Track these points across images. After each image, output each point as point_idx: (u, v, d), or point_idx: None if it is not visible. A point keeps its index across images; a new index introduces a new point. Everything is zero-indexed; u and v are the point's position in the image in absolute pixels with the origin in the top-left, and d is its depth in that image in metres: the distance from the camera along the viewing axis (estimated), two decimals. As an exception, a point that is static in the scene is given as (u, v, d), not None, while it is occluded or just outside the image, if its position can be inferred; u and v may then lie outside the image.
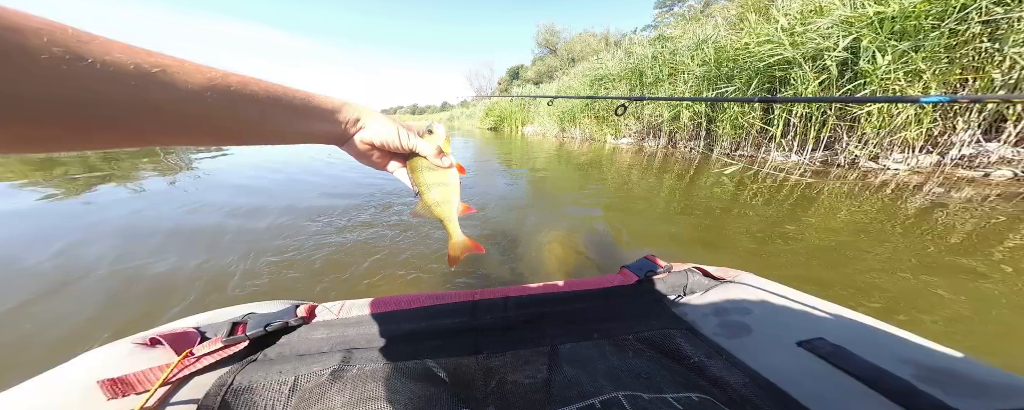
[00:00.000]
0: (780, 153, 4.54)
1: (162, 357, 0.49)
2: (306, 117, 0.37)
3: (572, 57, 25.93)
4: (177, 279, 1.49)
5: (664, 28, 8.45)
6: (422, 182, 0.47)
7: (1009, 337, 1.05)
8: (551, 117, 11.84)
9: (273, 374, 0.46)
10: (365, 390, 0.40)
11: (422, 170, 0.47)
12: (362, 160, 0.46)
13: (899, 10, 2.99)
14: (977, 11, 2.67)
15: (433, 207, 0.48)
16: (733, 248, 1.82)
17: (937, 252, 1.63)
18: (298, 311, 0.59)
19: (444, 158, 0.48)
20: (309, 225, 2.16)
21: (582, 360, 0.47)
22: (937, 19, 2.86)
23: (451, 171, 0.49)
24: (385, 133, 0.43)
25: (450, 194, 0.49)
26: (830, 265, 1.56)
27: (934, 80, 2.98)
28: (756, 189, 2.94)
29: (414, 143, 0.46)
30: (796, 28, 3.88)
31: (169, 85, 0.26)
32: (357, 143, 0.43)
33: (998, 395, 0.37)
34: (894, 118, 3.28)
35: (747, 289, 0.64)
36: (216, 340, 0.51)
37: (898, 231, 1.93)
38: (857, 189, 2.85)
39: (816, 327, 0.52)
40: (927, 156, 3.33)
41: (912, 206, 2.34)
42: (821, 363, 0.44)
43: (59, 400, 0.40)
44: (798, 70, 3.83)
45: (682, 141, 6.71)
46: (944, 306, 1.21)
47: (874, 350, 0.45)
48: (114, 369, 0.45)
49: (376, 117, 0.44)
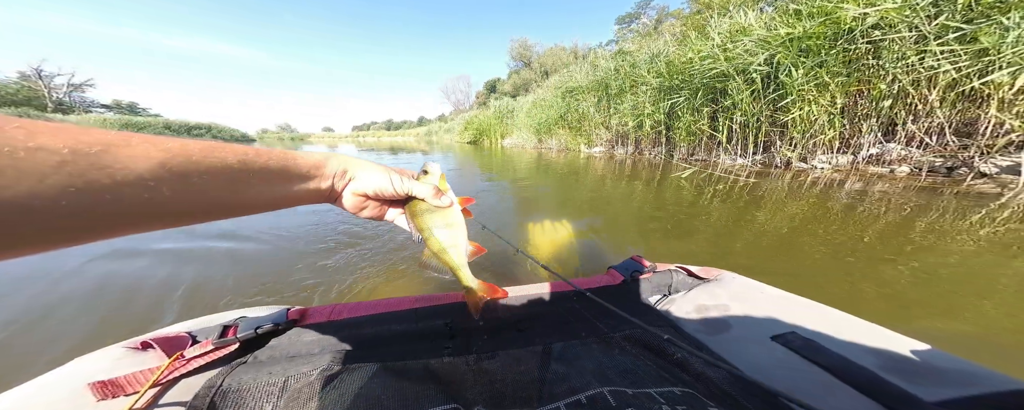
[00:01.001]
0: (728, 157, 5.05)
1: (153, 360, 0.50)
2: (286, 180, 0.35)
3: (545, 70, 26.72)
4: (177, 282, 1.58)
5: (623, 43, 9.07)
6: (424, 226, 0.45)
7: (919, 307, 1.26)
8: (528, 129, 12.29)
9: (263, 375, 0.46)
10: (355, 390, 0.40)
11: (422, 214, 0.45)
12: (358, 213, 0.44)
13: (803, 32, 3.54)
14: (860, 34, 3.22)
15: (439, 254, 0.45)
16: (698, 246, 1.98)
17: (865, 240, 1.87)
18: (289, 315, 0.59)
19: (443, 197, 0.46)
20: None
21: (571, 358, 0.48)
22: (833, 40, 3.41)
23: (453, 210, 0.47)
24: (377, 182, 0.42)
25: (456, 237, 0.46)
26: (780, 257, 1.75)
27: (838, 91, 3.51)
28: (713, 192, 3.29)
29: (408, 187, 0.44)
30: (727, 45, 4.42)
31: (113, 167, 0.22)
32: (348, 197, 0.42)
33: (956, 382, 0.38)
34: (812, 124, 3.80)
35: (728, 287, 0.67)
36: (206, 343, 0.51)
37: (833, 224, 2.20)
38: (794, 187, 3.24)
39: (790, 322, 0.54)
40: (844, 156, 3.86)
41: (839, 201, 2.68)
42: (793, 356, 0.46)
43: (49, 403, 0.41)
44: (733, 82, 4.35)
45: (647, 148, 7.22)
46: (863, 288, 1.37)
47: (843, 342, 0.46)
48: (105, 372, 0.46)
49: (364, 167, 0.42)
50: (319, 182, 0.39)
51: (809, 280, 1.47)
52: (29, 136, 0.19)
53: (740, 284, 0.68)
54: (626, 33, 16.61)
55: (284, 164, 0.35)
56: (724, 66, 4.37)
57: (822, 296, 0.63)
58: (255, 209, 0.34)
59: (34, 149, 0.19)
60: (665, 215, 2.63)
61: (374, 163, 0.44)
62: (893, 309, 1.29)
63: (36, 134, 0.19)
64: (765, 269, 1.62)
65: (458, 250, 0.46)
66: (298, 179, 0.37)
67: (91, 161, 0.21)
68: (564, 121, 10.03)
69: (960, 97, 3.02)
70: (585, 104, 8.86)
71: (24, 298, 1.51)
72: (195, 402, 0.42)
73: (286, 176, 0.35)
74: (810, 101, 3.69)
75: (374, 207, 0.46)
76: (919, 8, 2.93)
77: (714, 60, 4.56)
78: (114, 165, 0.22)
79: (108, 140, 0.22)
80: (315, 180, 0.39)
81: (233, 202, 0.31)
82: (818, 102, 3.64)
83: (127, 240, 2.27)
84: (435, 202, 0.46)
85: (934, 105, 3.13)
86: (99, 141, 0.22)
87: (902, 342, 0.46)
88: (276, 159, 0.34)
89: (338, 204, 0.43)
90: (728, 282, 0.69)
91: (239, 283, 1.63)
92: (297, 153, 0.37)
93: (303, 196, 0.38)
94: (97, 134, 0.22)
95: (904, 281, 1.46)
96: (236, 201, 0.31)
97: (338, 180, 0.41)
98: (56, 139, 0.20)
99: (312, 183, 0.38)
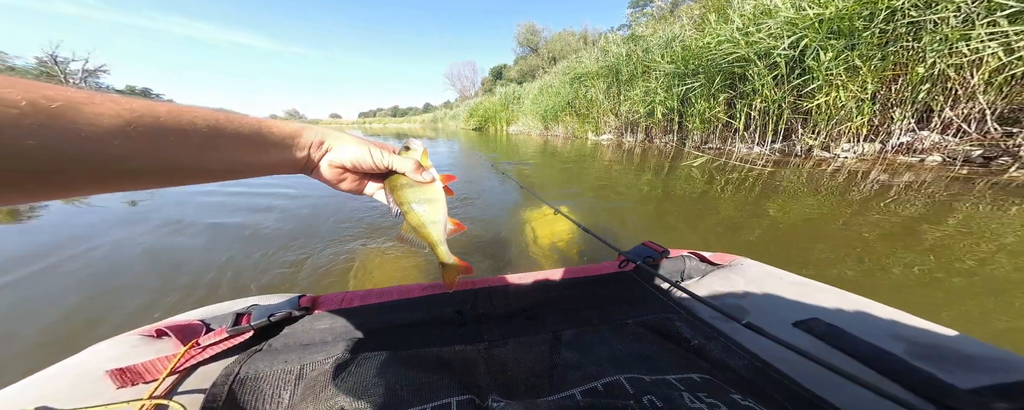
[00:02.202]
0: (744, 145, 4.83)
1: (168, 348, 0.51)
2: (259, 147, 0.34)
3: (553, 56, 26.15)
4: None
5: (637, 27, 8.73)
6: (404, 201, 0.44)
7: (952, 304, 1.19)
8: (535, 116, 12.05)
9: (279, 363, 0.47)
10: (369, 378, 0.41)
11: (403, 188, 0.44)
12: (336, 186, 0.44)
13: (835, 12, 3.28)
14: (901, 13, 2.97)
15: (418, 228, 0.45)
16: (707, 236, 1.92)
17: (879, 237, 1.76)
18: (301, 302, 0.61)
19: (424, 173, 0.45)
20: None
21: (583, 345, 0.47)
22: (867, 20, 3.16)
23: (434, 186, 0.46)
24: (355, 154, 0.41)
25: (436, 213, 0.45)
26: (793, 250, 1.66)
27: (870, 75, 3.27)
28: (725, 181, 3.15)
29: (389, 161, 0.43)
30: (749, 28, 4.16)
31: (78, 123, 0.22)
32: (325, 168, 0.41)
33: (988, 369, 0.37)
34: (839, 110, 3.58)
35: (743, 273, 0.65)
36: (221, 331, 0.52)
37: (853, 217, 2.06)
38: (815, 177, 3.07)
39: (811, 308, 0.53)
40: (870, 144, 3.64)
41: (861, 192, 2.54)
42: (816, 343, 0.45)
43: (69, 389, 0.41)
44: (754, 67, 4.11)
45: (658, 135, 6.99)
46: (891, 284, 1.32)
47: (867, 328, 0.45)
48: (121, 359, 0.46)
49: (342, 138, 0.42)
50: (294, 152, 0.38)
51: (830, 276, 1.35)
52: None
53: (757, 270, 0.66)
54: (640, 17, 16.02)
55: (257, 131, 0.34)
56: (745, 50, 4.12)
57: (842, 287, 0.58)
58: (225, 175, 0.33)
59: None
60: (675, 207, 2.49)
61: (353, 135, 0.43)
62: (931, 304, 1.20)
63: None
64: (777, 263, 1.50)
65: (437, 226, 0.46)
66: (272, 147, 0.36)
67: (52, 115, 0.21)
68: (571, 108, 9.78)
69: (1008, 81, 2.79)
70: (594, 90, 8.59)
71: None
72: (214, 390, 0.42)
73: (259, 143, 0.34)
74: (838, 86, 3.46)
75: (353, 180, 0.45)
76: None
77: (734, 44, 4.30)
78: (78, 121, 0.22)
79: (69, 96, 0.22)
80: (290, 149, 0.37)
81: (201, 166, 0.30)
82: (847, 87, 3.42)
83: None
84: (416, 177, 0.45)
85: (976, 90, 2.90)
86: (61, 96, 0.21)
87: (930, 329, 0.45)
88: (248, 125, 0.33)
89: (315, 175, 0.42)
90: (744, 268, 0.67)
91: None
92: (272, 121, 0.36)
93: (277, 165, 0.37)
94: (59, 90, 0.22)
95: (938, 273, 1.35)
96: (204, 165, 0.30)
97: (314, 150, 0.40)
98: (12, 91, 0.20)
99: (287, 152, 0.37)
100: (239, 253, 1.78)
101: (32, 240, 2.10)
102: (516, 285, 0.68)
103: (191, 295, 1.43)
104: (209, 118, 0.30)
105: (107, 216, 2.58)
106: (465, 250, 1.80)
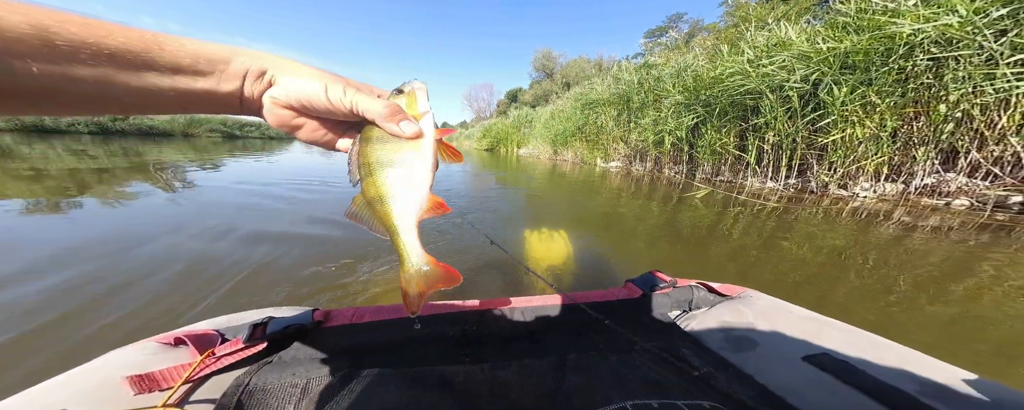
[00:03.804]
0: (757, 179, 4.67)
1: (185, 356, 0.52)
2: (170, 71, 0.26)
3: (567, 82, 26.75)
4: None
5: (650, 56, 8.85)
6: (365, 160, 0.31)
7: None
8: (545, 139, 12.14)
9: (287, 376, 0.47)
10: (372, 395, 0.41)
11: (370, 142, 0.32)
12: (292, 133, 0.34)
13: (851, 46, 3.20)
14: (921, 49, 2.86)
15: (374, 202, 0.31)
16: (715, 272, 1.84)
17: (907, 284, 1.61)
18: (314, 316, 0.61)
19: (403, 122, 0.31)
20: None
21: (588, 370, 0.47)
22: (884, 57, 3.06)
23: (417, 144, 0.32)
24: (304, 89, 0.30)
25: (412, 181, 0.31)
26: (809, 289, 1.56)
27: (888, 113, 3.14)
28: (735, 214, 3.02)
29: (353, 100, 0.31)
30: (762, 60, 4.11)
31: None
32: (269, 108, 0.31)
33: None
34: (857, 147, 3.42)
35: (753, 305, 0.65)
36: (236, 341, 0.53)
37: (870, 261, 1.92)
38: (831, 216, 2.90)
39: (821, 343, 0.52)
40: (892, 184, 3.45)
41: (884, 234, 2.38)
42: (827, 377, 0.44)
43: (87, 394, 0.42)
44: (766, 100, 4.02)
45: (667, 165, 6.88)
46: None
47: (880, 366, 0.44)
48: (140, 366, 0.47)
49: (293, 67, 0.31)
50: (217, 82, 0.28)
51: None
52: None
53: (767, 303, 0.65)
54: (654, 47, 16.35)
55: (174, 52, 0.26)
56: (755, 82, 4.05)
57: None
58: (123, 107, 0.26)
59: None
60: (681, 240, 2.35)
61: (310, 67, 0.32)
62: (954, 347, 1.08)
63: None
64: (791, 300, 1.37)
65: (402, 202, 0.31)
66: (189, 73, 0.27)
67: None
68: (581, 133, 9.81)
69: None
70: (604, 117, 8.61)
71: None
72: (224, 400, 0.43)
73: (171, 66, 0.26)
74: (855, 123, 3.32)
75: (313, 127, 0.34)
76: (985, 24, 2.57)
77: (744, 76, 4.24)
78: None
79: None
80: (208, 78, 0.28)
81: (82, 92, 0.23)
82: (864, 124, 3.28)
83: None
84: (389, 126, 0.31)
85: (1007, 132, 2.72)
86: None
87: (946, 369, 0.44)
88: (123, 37, 0.24)
89: (265, 117, 0.32)
90: (754, 300, 0.67)
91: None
92: (179, 38, 0.27)
93: (199, 97, 0.28)
94: None
95: (967, 321, 1.22)
96: (84, 91, 0.23)
97: (251, 82, 0.30)
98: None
99: (201, 81, 0.28)
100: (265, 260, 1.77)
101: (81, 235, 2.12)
102: (520, 308, 0.67)
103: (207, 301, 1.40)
104: (95, 31, 0.23)
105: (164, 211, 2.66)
106: (474, 276, 1.68)
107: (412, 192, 0.31)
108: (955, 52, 2.72)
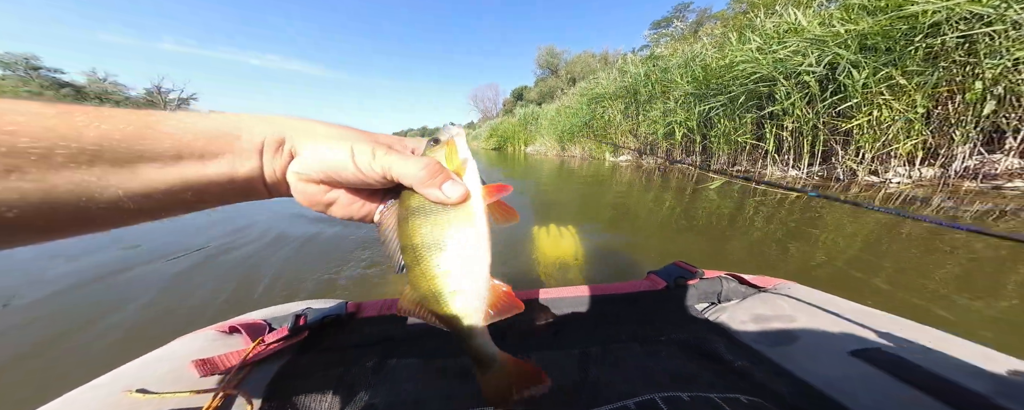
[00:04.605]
0: (777, 167, 4.49)
1: (239, 343, 0.57)
2: (173, 159, 0.20)
3: (572, 77, 26.49)
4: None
5: (656, 48, 8.64)
6: (408, 242, 0.25)
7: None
8: (552, 136, 12.01)
9: (324, 364, 0.51)
10: (403, 384, 0.44)
11: (411, 216, 0.26)
12: (326, 210, 0.28)
13: (867, 27, 3.03)
14: (949, 26, 2.68)
15: (429, 302, 0.26)
16: (739, 266, 1.75)
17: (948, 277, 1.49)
18: (348, 307, 0.65)
19: (448, 184, 0.25)
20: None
21: (613, 362, 0.46)
22: (908, 37, 2.88)
23: (467, 212, 0.26)
24: (330, 158, 0.24)
25: (468, 267, 0.25)
26: (846, 281, 1.48)
27: (920, 93, 2.96)
28: (755, 205, 2.89)
29: (386, 164, 0.25)
30: (773, 46, 3.93)
31: None
32: (296, 186, 0.26)
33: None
34: (884, 131, 3.24)
35: (790, 297, 0.61)
36: (283, 330, 0.56)
37: (912, 249, 1.80)
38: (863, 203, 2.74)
39: (871, 337, 0.48)
40: (928, 169, 3.25)
41: (921, 225, 2.21)
42: (879, 374, 0.40)
43: (162, 375, 0.47)
44: (780, 86, 3.86)
45: (680, 157, 6.70)
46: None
47: (940, 363, 0.40)
48: (203, 351, 0.52)
49: (313, 133, 0.25)
50: (231, 163, 0.22)
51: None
52: None
53: (806, 294, 0.62)
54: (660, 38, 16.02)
55: (136, 132, 0.19)
56: (767, 69, 3.88)
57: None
58: (64, 229, 0.19)
59: None
60: (700, 232, 2.25)
61: (332, 124, 0.26)
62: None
63: None
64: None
65: (470, 296, 0.25)
66: (173, 159, 0.20)
67: None
68: (589, 128, 9.67)
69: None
70: (611, 111, 8.46)
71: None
72: (273, 384, 0.47)
73: (138, 156, 0.19)
74: (881, 106, 3.14)
75: (346, 201, 0.28)
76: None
77: (755, 63, 4.07)
78: None
79: None
80: (220, 160, 0.22)
81: (70, 206, 0.17)
82: (891, 106, 3.10)
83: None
84: (430, 193, 0.25)
85: (1053, 109, 2.53)
86: None
87: (1018, 365, 0.38)
88: (107, 124, 0.18)
89: (288, 195, 0.26)
90: (791, 291, 0.63)
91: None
92: (167, 114, 0.21)
93: (202, 192, 0.22)
94: None
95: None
96: (72, 203, 0.17)
97: (271, 157, 0.24)
98: None
99: (212, 166, 0.22)
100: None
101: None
102: (541, 300, 0.66)
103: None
104: (72, 120, 0.17)
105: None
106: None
107: (474, 281, 0.25)
108: (988, 28, 2.54)
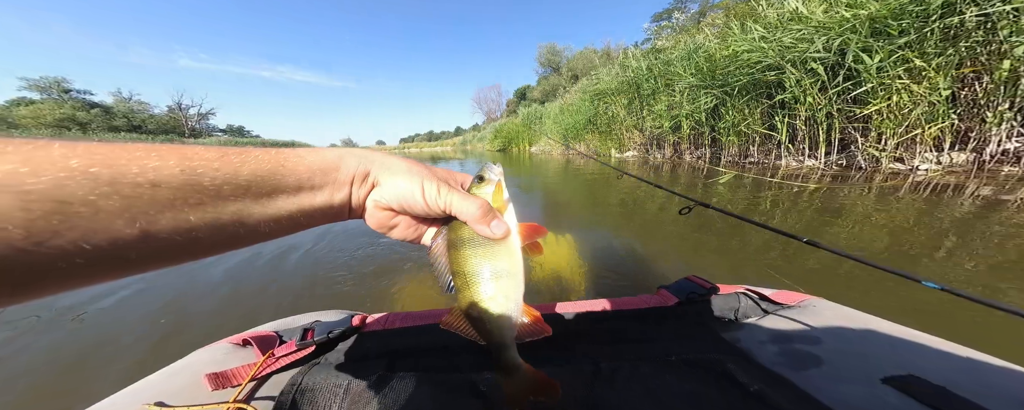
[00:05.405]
0: (792, 158, 4.35)
1: (250, 356, 0.58)
2: (294, 190, 0.24)
3: (574, 74, 26.33)
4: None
5: (658, 40, 8.49)
6: (459, 268, 0.30)
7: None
8: (555, 134, 11.93)
9: (331, 377, 0.51)
10: (407, 398, 0.44)
11: (462, 246, 0.30)
12: (388, 232, 0.33)
13: (875, 11, 2.89)
14: (966, 5, 2.54)
15: (474, 321, 0.31)
16: (753, 267, 1.62)
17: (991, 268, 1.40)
18: (354, 321, 0.65)
19: (494, 224, 0.30)
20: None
21: (619, 381, 0.45)
22: (921, 19, 2.74)
23: (509, 248, 0.31)
24: (404, 190, 0.29)
25: (505, 292, 0.31)
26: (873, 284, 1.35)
27: (940, 75, 2.81)
28: (770, 198, 2.78)
29: (447, 201, 0.30)
30: (776, 35, 3.80)
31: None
32: (371, 211, 0.30)
33: None
34: (906, 116, 3.09)
35: (816, 315, 0.58)
36: (291, 344, 0.57)
37: (949, 242, 1.68)
38: (887, 192, 2.59)
39: (907, 362, 0.45)
40: (960, 153, 3.08)
41: (958, 211, 2.06)
42: (914, 405, 0.38)
43: (179, 389, 0.49)
44: (789, 74, 3.72)
45: (688, 151, 6.56)
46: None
47: (990, 394, 0.37)
48: (217, 364, 0.54)
49: (391, 167, 0.30)
50: (332, 193, 0.27)
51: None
52: None
53: (835, 313, 0.58)
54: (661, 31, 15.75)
55: (272, 169, 0.23)
56: (773, 58, 3.75)
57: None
58: (233, 241, 0.22)
59: None
60: (712, 232, 2.15)
61: (405, 160, 0.31)
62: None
63: None
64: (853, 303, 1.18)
65: (508, 318, 0.30)
66: (294, 191, 0.24)
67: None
68: (592, 125, 9.56)
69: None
70: (615, 106, 8.34)
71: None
72: (281, 398, 0.47)
73: (273, 188, 0.23)
74: (899, 90, 3.00)
75: (407, 225, 0.33)
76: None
77: (760, 52, 3.94)
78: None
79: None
80: (324, 190, 0.26)
81: (191, 237, 0.20)
82: (911, 90, 2.95)
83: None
84: (481, 229, 0.30)
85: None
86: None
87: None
88: (253, 163, 0.22)
89: (361, 217, 0.31)
90: (818, 310, 0.60)
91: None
92: (289, 151, 0.25)
93: (307, 216, 0.26)
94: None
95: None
96: (176, 237, 0.19)
97: (358, 187, 0.28)
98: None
99: (319, 196, 0.26)
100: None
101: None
102: (550, 314, 0.65)
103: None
104: (179, 157, 0.20)
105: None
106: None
107: (514, 307, 0.31)
108: (1008, 6, 2.39)
